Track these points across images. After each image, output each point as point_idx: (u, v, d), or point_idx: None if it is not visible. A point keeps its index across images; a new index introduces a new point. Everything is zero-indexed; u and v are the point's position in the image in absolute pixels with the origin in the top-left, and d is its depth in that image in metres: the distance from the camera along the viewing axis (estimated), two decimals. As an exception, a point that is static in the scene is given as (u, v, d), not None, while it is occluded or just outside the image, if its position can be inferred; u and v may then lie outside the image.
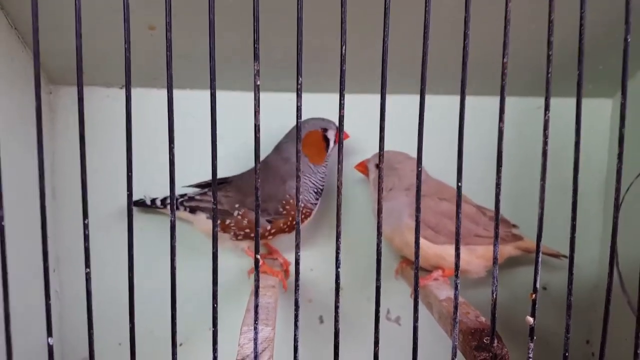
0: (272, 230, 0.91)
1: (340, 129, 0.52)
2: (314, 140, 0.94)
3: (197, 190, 1.01)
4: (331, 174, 1.03)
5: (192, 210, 0.95)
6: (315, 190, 0.94)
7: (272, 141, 0.97)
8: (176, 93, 1.00)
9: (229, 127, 1.02)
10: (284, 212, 0.91)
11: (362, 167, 0.99)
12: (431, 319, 0.83)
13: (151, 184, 1.02)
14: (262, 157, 0.95)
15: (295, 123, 0.94)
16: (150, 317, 1.02)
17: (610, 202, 1.11)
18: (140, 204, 0.98)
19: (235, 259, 1.06)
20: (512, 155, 1.08)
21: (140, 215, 1.03)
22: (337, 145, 0.94)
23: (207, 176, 1.01)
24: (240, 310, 0.80)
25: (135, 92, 1.00)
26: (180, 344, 1.06)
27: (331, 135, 0.95)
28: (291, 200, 0.91)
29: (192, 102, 1.02)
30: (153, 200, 0.98)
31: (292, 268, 1.02)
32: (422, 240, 0.88)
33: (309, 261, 1.08)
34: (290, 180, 0.91)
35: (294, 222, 0.91)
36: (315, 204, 0.95)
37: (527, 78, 1.00)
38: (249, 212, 0.91)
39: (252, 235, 0.91)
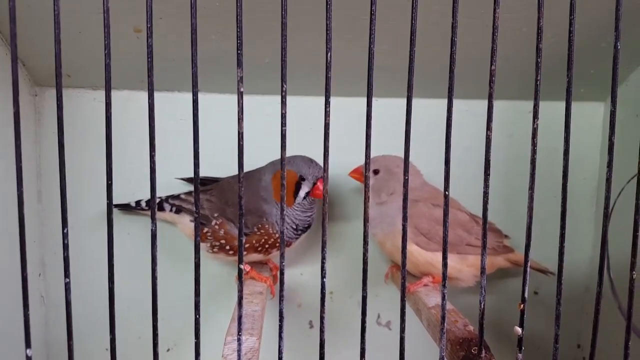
0: (246, 245, 0.89)
1: (325, 136, 0.51)
2: (287, 181, 0.90)
3: (186, 188, 1.00)
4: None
5: (177, 210, 0.94)
6: (295, 227, 0.90)
7: (260, 145, 0.96)
8: (165, 95, 1.01)
9: (220, 129, 1.01)
10: (258, 233, 0.89)
11: (358, 174, 0.95)
12: (420, 324, 0.82)
13: (138, 188, 1.01)
14: (248, 163, 0.94)
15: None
16: (138, 322, 1.01)
17: (602, 206, 1.10)
18: (125, 206, 0.97)
19: (222, 263, 1.05)
20: (503, 159, 1.08)
21: (127, 219, 1.02)
22: (309, 197, 0.90)
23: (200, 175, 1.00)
24: (228, 315, 0.79)
25: (122, 94, 0.99)
26: (168, 350, 1.04)
27: (305, 186, 0.90)
28: (266, 225, 0.88)
29: (181, 104, 1.01)
30: (138, 202, 0.97)
31: (285, 275, 1.01)
32: (413, 247, 0.87)
33: (298, 265, 1.07)
34: (266, 205, 0.89)
35: (267, 246, 0.89)
36: (296, 237, 0.92)
37: (519, 81, 0.99)
38: (226, 222, 0.89)
39: (227, 247, 0.90)
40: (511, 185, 1.09)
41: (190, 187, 1.00)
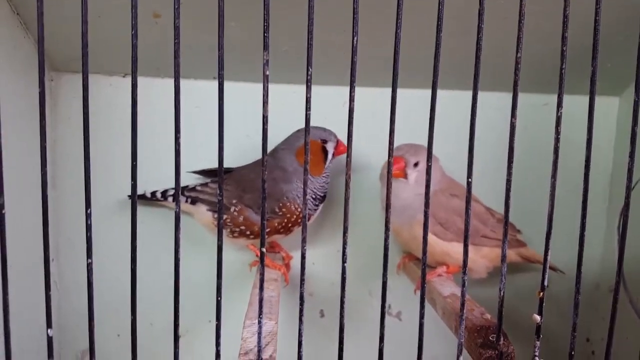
0: (267, 230, 0.90)
1: (349, 121, 0.51)
2: (312, 151, 0.91)
3: (198, 179, 1.01)
4: (334, 176, 1.02)
5: (193, 201, 0.94)
6: (314, 197, 0.92)
7: (276, 134, 0.96)
8: (180, 82, 1.00)
9: (232, 118, 1.01)
10: (280, 212, 0.89)
11: (400, 171, 0.90)
12: (432, 314, 0.83)
13: (151, 175, 1.01)
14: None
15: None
16: (150, 309, 1.02)
17: (615, 200, 1.11)
18: (141, 196, 0.97)
19: (236, 251, 1.05)
20: (515, 151, 1.07)
21: (140, 207, 1.02)
22: (335, 158, 0.94)
23: (209, 166, 1.00)
24: (240, 302, 0.80)
25: (138, 81, 0.99)
26: (180, 336, 1.05)
27: (330, 147, 0.93)
28: (287, 203, 0.89)
29: (195, 92, 1.01)
30: (153, 193, 0.97)
31: (297, 262, 1.02)
32: (430, 236, 0.87)
33: (310, 255, 1.07)
34: (285, 184, 0.90)
35: (289, 225, 0.90)
36: (315, 209, 0.93)
37: (533, 74, 0.99)
38: (245, 208, 0.90)
39: (248, 232, 0.90)
40: (523, 179, 1.09)
41: (204, 180, 1.00)
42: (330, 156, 0.93)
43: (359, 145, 1.04)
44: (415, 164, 0.89)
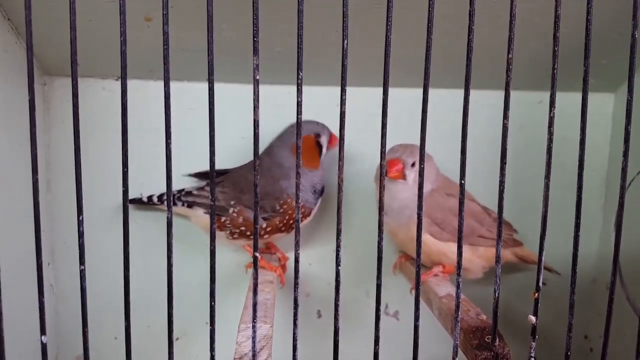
0: (268, 229, 0.89)
1: (341, 125, 0.51)
2: (307, 146, 0.92)
3: (194, 182, 1.00)
4: (330, 171, 1.02)
5: (190, 205, 0.94)
6: (314, 191, 0.93)
7: (271, 135, 0.96)
8: (174, 85, 1.00)
9: (226, 119, 1.01)
10: (281, 210, 0.89)
11: (399, 172, 0.88)
12: (429, 314, 0.83)
13: (147, 178, 1.01)
14: (260, 151, 0.94)
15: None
16: (147, 312, 1.02)
17: (611, 196, 1.11)
18: (137, 201, 0.97)
19: (232, 253, 1.05)
20: (511, 150, 1.07)
21: (137, 210, 1.02)
22: (329, 151, 0.95)
23: (205, 169, 1.00)
24: (237, 304, 0.79)
25: (131, 83, 0.99)
26: (177, 339, 1.05)
27: (324, 141, 0.94)
28: (289, 200, 0.89)
29: (190, 94, 1.01)
30: (150, 197, 0.97)
31: (291, 266, 1.02)
32: (427, 236, 0.87)
33: (307, 256, 1.07)
34: (284, 180, 0.90)
35: (291, 222, 0.90)
36: (315, 203, 0.94)
37: (528, 72, 0.98)
38: (244, 209, 0.90)
39: (248, 233, 0.90)
40: (520, 177, 1.09)
41: (200, 183, 1.00)
42: (324, 150, 0.94)
43: (354, 145, 1.04)
44: (413, 164, 0.89)
